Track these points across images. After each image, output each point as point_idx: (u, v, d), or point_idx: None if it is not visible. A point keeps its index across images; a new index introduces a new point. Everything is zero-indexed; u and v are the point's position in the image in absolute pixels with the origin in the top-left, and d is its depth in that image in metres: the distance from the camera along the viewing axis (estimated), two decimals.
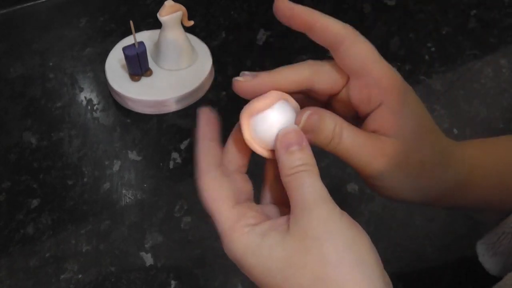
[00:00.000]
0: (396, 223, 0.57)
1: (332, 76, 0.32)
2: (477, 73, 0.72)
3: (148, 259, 0.54)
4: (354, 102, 0.32)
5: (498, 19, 0.81)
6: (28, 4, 0.80)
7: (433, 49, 0.75)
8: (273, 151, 0.31)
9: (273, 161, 0.32)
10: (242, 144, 0.32)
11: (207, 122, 0.34)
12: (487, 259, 0.45)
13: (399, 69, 0.72)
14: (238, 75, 0.34)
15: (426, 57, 0.73)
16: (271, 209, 0.33)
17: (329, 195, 0.29)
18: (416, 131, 0.32)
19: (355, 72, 0.31)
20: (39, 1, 0.81)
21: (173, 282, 0.52)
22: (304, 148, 0.30)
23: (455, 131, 0.65)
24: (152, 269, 0.53)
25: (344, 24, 0.31)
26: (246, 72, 0.32)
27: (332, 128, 0.30)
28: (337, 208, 0.29)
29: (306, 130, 0.30)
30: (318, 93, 0.33)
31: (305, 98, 0.34)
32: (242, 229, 0.29)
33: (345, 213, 0.29)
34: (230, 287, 0.52)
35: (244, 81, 0.31)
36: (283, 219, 0.30)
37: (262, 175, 0.35)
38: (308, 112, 0.30)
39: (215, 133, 0.33)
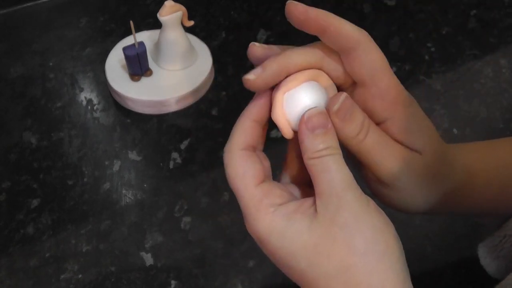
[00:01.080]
0: (396, 223, 0.56)
1: (341, 67, 0.31)
2: (477, 73, 0.72)
3: (148, 259, 0.54)
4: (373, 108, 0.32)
5: (498, 19, 0.81)
6: (28, 4, 0.80)
7: (433, 49, 0.75)
8: (296, 132, 0.31)
9: (295, 140, 0.31)
10: (266, 96, 0.31)
11: (259, 105, 0.31)
12: (489, 262, 0.45)
13: (399, 69, 0.72)
14: (238, 75, 0.33)
15: (426, 57, 0.73)
16: (293, 189, 0.33)
17: (354, 180, 0.29)
18: (437, 145, 0.33)
19: (362, 80, 0.31)
20: (39, 1, 0.81)
21: (173, 282, 0.52)
22: (330, 131, 0.29)
23: (455, 131, 0.65)
24: (152, 269, 0.53)
25: (359, 29, 0.30)
26: (257, 44, 0.31)
27: (362, 120, 0.30)
28: (363, 195, 0.29)
29: (338, 115, 0.30)
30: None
31: None
32: (267, 209, 0.29)
33: (371, 200, 0.29)
34: (230, 287, 0.52)
35: (254, 79, 0.30)
36: (309, 202, 0.29)
37: (280, 154, 0.35)
38: (345, 94, 0.30)
39: (263, 117, 0.31)
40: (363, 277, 0.27)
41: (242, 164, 0.30)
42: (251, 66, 0.31)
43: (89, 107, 0.68)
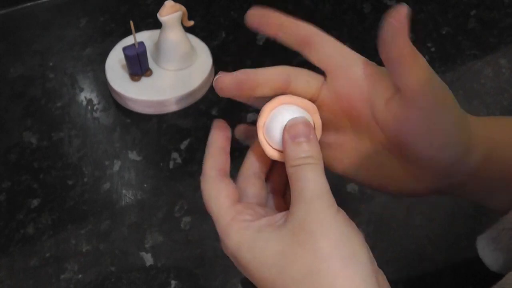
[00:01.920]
0: (396, 223, 0.57)
1: (309, 77, 0.33)
2: (477, 73, 0.72)
3: (148, 259, 0.54)
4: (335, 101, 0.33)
5: (498, 19, 0.81)
6: (28, 4, 0.80)
7: (433, 49, 0.75)
8: (280, 151, 0.32)
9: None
10: (260, 150, 0.33)
11: (219, 130, 0.35)
12: (487, 254, 0.45)
13: None
14: None
15: (426, 57, 0.73)
16: (271, 200, 0.34)
17: (329, 191, 0.29)
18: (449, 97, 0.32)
19: (333, 67, 0.33)
20: (39, 1, 0.81)
21: (173, 282, 0.52)
22: (311, 140, 0.30)
23: None
24: (152, 269, 0.53)
25: (308, 24, 0.33)
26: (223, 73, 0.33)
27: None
28: (335, 205, 0.29)
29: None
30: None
31: None
32: (239, 224, 0.30)
33: (342, 211, 0.29)
34: (230, 287, 0.52)
35: (223, 76, 0.32)
36: (280, 215, 0.30)
37: None
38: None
39: (225, 141, 0.35)
40: (328, 281, 0.27)
41: (215, 187, 0.32)
42: (251, 66, 0.31)
43: (89, 107, 0.68)
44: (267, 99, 0.33)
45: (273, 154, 0.32)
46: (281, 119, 0.31)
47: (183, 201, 0.58)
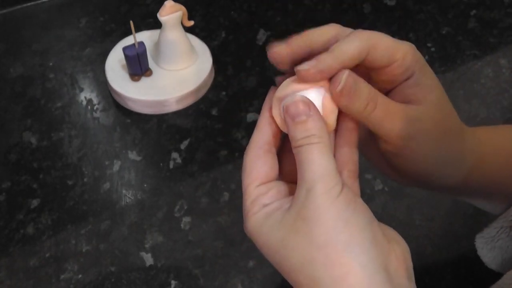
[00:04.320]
0: (396, 223, 0.57)
1: (387, 53, 0.31)
2: (477, 73, 0.72)
3: (148, 259, 0.54)
4: (378, 79, 0.32)
5: (498, 19, 0.81)
6: (28, 4, 0.80)
7: (433, 49, 0.75)
8: None
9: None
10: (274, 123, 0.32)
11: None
12: (485, 253, 0.45)
13: None
14: (238, 75, 0.34)
15: (426, 57, 0.73)
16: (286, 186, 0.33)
17: (333, 170, 0.28)
18: (441, 99, 0.33)
19: (382, 67, 0.31)
20: (39, 1, 0.81)
21: (173, 282, 0.52)
22: (312, 117, 0.29)
23: None
24: (152, 269, 0.53)
25: (330, 25, 0.32)
26: (278, 45, 0.32)
27: (368, 92, 0.30)
28: (337, 187, 0.27)
29: (343, 94, 0.29)
30: (365, 65, 0.31)
31: None
32: (254, 209, 0.29)
33: (345, 191, 0.28)
34: (230, 287, 0.52)
35: (308, 69, 0.30)
36: (288, 199, 0.29)
37: None
38: (346, 72, 0.29)
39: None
40: (324, 271, 0.26)
41: (252, 163, 0.30)
42: (251, 66, 0.31)
43: (89, 107, 0.68)
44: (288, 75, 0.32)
45: (283, 126, 0.31)
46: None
47: (183, 201, 0.58)
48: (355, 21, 0.78)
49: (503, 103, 0.69)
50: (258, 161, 0.30)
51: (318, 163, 0.28)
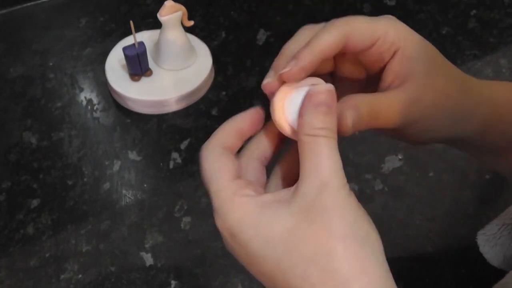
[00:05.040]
0: (396, 223, 0.57)
1: (366, 32, 0.31)
2: (477, 73, 0.72)
3: (148, 259, 0.54)
4: (366, 63, 0.33)
5: (498, 19, 0.81)
6: (28, 4, 0.80)
7: None
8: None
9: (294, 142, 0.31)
10: (272, 134, 0.32)
11: (250, 116, 0.32)
12: (487, 250, 0.45)
13: None
14: (238, 75, 0.34)
15: None
16: (274, 184, 0.32)
17: (342, 169, 0.28)
18: (432, 66, 0.33)
19: (365, 48, 0.31)
20: (39, 1, 0.81)
21: (173, 282, 0.52)
22: (332, 113, 0.28)
23: None
24: (152, 269, 0.53)
25: (302, 28, 0.32)
26: (269, 80, 0.31)
27: (356, 114, 0.30)
28: (347, 186, 0.27)
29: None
30: (348, 51, 0.32)
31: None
32: (241, 199, 0.28)
33: (353, 193, 0.28)
34: (230, 287, 0.52)
35: (290, 70, 0.30)
36: (285, 190, 0.28)
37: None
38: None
39: (248, 127, 0.32)
40: (343, 263, 0.25)
41: (218, 159, 0.30)
42: (251, 66, 0.31)
43: (89, 107, 0.68)
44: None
45: (287, 129, 0.30)
46: (296, 102, 0.30)
47: (183, 201, 0.58)
48: None
49: None
50: (224, 158, 0.30)
51: (332, 157, 0.27)
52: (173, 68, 0.68)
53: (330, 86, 0.29)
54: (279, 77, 0.30)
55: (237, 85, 0.70)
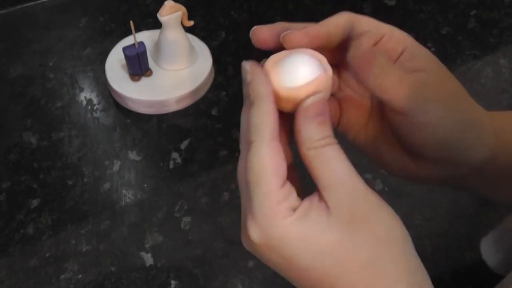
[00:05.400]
0: None
1: (371, 26, 0.32)
2: (477, 73, 0.72)
3: (148, 259, 0.54)
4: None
5: (498, 19, 0.81)
6: (28, 4, 0.80)
7: (433, 49, 0.75)
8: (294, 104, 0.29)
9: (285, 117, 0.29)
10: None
11: (263, 78, 0.30)
12: (490, 256, 0.45)
13: None
14: (238, 75, 0.33)
15: None
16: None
17: (353, 168, 0.28)
18: (441, 67, 0.33)
19: (370, 35, 0.32)
20: (39, 1, 0.81)
21: (173, 282, 0.52)
22: (327, 119, 0.28)
23: None
24: (152, 269, 0.53)
25: (339, 13, 0.32)
26: (261, 26, 0.32)
27: (383, 59, 0.30)
28: (364, 183, 0.28)
29: (364, 58, 0.29)
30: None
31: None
32: (286, 212, 0.27)
33: (372, 190, 0.28)
34: (230, 287, 0.52)
35: (291, 32, 0.30)
36: (316, 198, 0.28)
37: None
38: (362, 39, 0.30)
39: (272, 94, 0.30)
40: (391, 266, 0.26)
41: (273, 160, 0.27)
42: None
43: (89, 107, 0.68)
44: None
45: (287, 103, 0.29)
46: (293, 67, 0.29)
47: (183, 201, 0.58)
48: None
49: (503, 103, 0.69)
50: (279, 155, 0.27)
51: (345, 162, 0.28)
52: (173, 68, 0.68)
53: (320, 95, 0.28)
54: (283, 37, 0.30)
55: (237, 85, 0.70)
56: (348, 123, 0.36)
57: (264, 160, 0.27)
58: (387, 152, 0.35)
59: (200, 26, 0.77)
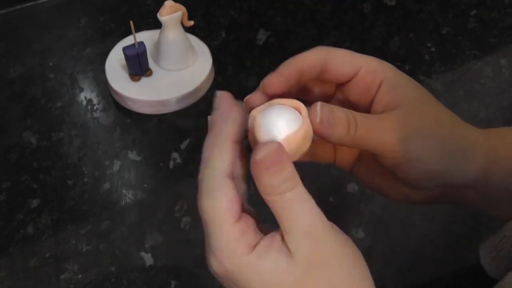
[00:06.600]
0: (396, 223, 0.57)
1: (347, 59, 0.32)
2: (477, 73, 0.72)
3: (148, 259, 0.54)
4: (354, 97, 0.33)
5: (498, 19, 0.81)
6: (28, 4, 0.80)
7: (433, 49, 0.75)
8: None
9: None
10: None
11: (238, 122, 0.31)
12: (488, 262, 0.45)
13: (399, 69, 0.72)
14: (238, 75, 0.34)
15: (426, 57, 0.73)
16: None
17: (315, 203, 0.28)
18: (423, 94, 0.33)
19: (347, 75, 0.32)
20: (39, 1, 0.81)
21: (173, 282, 0.52)
22: (285, 164, 0.27)
23: None
24: (152, 269, 0.53)
25: (314, 48, 0.32)
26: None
27: (345, 116, 0.30)
28: (328, 223, 0.28)
29: (323, 125, 0.29)
30: (331, 76, 0.33)
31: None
32: (243, 249, 0.27)
33: (334, 226, 0.28)
34: None
35: (268, 79, 0.31)
36: (278, 238, 0.28)
37: None
38: (319, 103, 0.29)
39: (241, 137, 0.30)
40: None
41: (225, 197, 0.28)
42: (251, 66, 0.31)
43: (89, 107, 0.68)
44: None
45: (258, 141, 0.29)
46: (275, 121, 0.29)
47: (183, 201, 0.58)
48: (355, 21, 0.78)
49: (503, 103, 0.69)
50: (232, 191, 0.28)
51: (305, 205, 0.27)
52: (173, 68, 0.68)
53: (271, 144, 0.27)
54: (261, 85, 0.31)
55: (237, 85, 0.70)
56: (342, 160, 0.37)
57: (217, 199, 0.28)
58: (383, 184, 0.36)
59: (200, 26, 0.77)
